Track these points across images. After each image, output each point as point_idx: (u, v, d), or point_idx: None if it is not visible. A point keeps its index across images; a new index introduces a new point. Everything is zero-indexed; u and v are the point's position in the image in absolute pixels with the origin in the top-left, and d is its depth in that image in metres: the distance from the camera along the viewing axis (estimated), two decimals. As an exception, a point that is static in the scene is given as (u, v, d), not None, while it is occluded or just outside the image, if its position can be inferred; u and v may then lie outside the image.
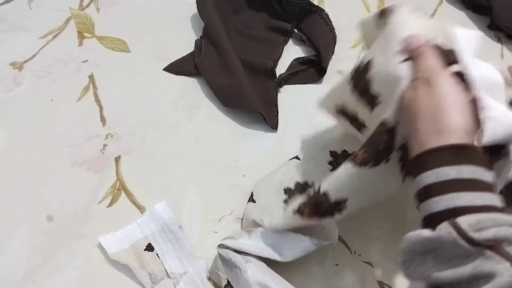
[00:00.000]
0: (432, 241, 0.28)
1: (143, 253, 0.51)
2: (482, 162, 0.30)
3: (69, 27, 0.78)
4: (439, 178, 0.29)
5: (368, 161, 0.38)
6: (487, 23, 0.77)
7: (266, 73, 0.69)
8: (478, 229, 0.26)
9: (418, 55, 0.35)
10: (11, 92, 0.68)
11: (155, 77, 0.71)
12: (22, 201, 0.56)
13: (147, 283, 0.48)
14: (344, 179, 0.40)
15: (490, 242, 0.26)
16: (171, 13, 0.80)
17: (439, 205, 0.29)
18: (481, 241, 0.26)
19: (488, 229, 0.26)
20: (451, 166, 0.29)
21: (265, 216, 0.50)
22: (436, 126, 0.31)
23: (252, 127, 0.65)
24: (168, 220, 0.54)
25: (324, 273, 0.52)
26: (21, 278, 0.50)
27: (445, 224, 0.27)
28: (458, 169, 0.29)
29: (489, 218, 0.27)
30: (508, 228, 0.26)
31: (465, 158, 0.29)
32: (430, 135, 0.31)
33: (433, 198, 0.30)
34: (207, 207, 0.57)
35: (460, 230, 0.26)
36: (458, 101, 0.31)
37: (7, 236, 0.53)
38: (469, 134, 0.31)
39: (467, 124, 0.31)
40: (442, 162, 0.30)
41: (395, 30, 0.38)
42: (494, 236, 0.26)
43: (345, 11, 0.80)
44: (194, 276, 0.49)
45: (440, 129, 0.31)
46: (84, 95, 0.68)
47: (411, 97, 0.34)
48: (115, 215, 0.55)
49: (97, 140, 0.62)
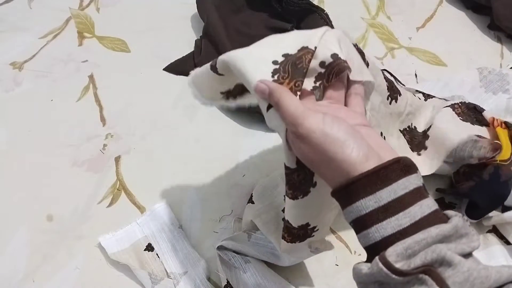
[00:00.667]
0: (372, 275, 0.27)
1: (143, 253, 0.51)
2: (396, 174, 0.28)
3: (69, 27, 0.78)
4: (360, 213, 0.28)
5: (296, 195, 0.37)
6: (487, 23, 0.77)
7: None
8: (408, 256, 0.26)
9: (275, 103, 0.32)
10: (11, 92, 0.68)
11: (155, 77, 0.71)
12: (22, 201, 0.56)
13: (147, 283, 0.49)
14: (291, 210, 0.39)
15: (420, 269, 0.25)
16: (171, 13, 0.80)
17: (368, 239, 0.29)
18: (410, 271, 0.25)
19: (416, 254, 0.26)
20: (367, 197, 0.28)
21: (258, 221, 0.50)
22: (335, 171, 0.30)
23: (252, 127, 0.65)
24: (168, 220, 0.54)
25: (324, 273, 0.52)
26: (21, 278, 0.50)
27: (376, 260, 0.27)
28: (375, 198, 0.28)
29: (417, 241, 0.26)
30: (436, 247, 0.26)
31: (377, 183, 0.28)
32: (334, 177, 0.30)
33: (361, 233, 0.29)
34: (207, 207, 0.57)
35: (389, 265, 0.26)
36: (336, 138, 0.29)
37: (7, 236, 0.53)
38: (368, 156, 0.29)
39: (360, 148, 0.29)
40: (357, 196, 0.28)
41: (244, 76, 0.35)
42: (423, 262, 0.25)
43: (345, 11, 0.80)
44: (194, 276, 0.49)
45: (340, 171, 0.29)
46: (84, 95, 0.68)
47: (296, 151, 0.33)
48: (115, 215, 0.55)
49: (97, 140, 0.63)
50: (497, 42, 0.75)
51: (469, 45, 0.73)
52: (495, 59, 0.74)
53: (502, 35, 0.76)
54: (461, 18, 0.80)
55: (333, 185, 0.31)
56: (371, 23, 0.79)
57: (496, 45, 0.75)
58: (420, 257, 0.26)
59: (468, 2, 0.81)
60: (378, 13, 0.80)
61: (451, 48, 0.74)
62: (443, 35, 0.75)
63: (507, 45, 0.75)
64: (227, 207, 0.56)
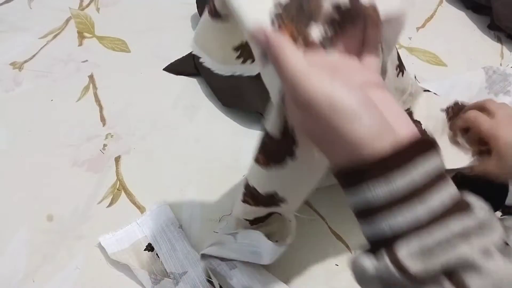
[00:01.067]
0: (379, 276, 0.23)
1: (143, 253, 0.51)
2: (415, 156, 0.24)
3: (69, 27, 0.78)
4: (367, 199, 0.24)
5: (268, 162, 0.32)
6: (487, 23, 0.77)
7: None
8: (423, 255, 0.22)
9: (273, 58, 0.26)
10: (11, 92, 0.68)
11: (155, 77, 0.71)
12: (22, 201, 0.56)
13: (147, 283, 0.49)
14: (258, 176, 0.35)
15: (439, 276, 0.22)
16: (171, 13, 0.80)
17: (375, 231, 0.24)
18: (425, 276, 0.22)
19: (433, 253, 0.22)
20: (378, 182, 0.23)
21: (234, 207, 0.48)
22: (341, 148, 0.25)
23: (252, 127, 0.65)
24: (168, 220, 0.54)
25: (324, 273, 0.52)
26: (21, 278, 0.50)
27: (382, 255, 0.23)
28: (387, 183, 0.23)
29: (435, 237, 0.22)
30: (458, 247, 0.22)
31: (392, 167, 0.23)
32: (339, 155, 0.25)
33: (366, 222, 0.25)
34: (207, 207, 0.57)
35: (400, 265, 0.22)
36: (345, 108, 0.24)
37: (7, 236, 0.53)
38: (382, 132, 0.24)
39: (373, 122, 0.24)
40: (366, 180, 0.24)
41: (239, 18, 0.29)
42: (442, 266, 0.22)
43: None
44: (194, 277, 0.49)
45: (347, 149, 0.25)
46: (84, 95, 0.68)
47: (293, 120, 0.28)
48: (115, 215, 0.55)
49: (97, 140, 0.63)
50: (497, 42, 0.75)
51: (469, 45, 0.73)
52: (495, 59, 0.74)
53: (502, 35, 0.76)
54: (461, 18, 0.80)
55: (337, 164, 0.26)
56: (371, 23, 0.79)
57: (496, 45, 0.75)
58: (439, 259, 0.22)
59: (468, 2, 0.81)
60: (378, 13, 0.81)
61: (451, 48, 0.74)
62: (443, 35, 0.75)
63: (507, 45, 0.75)
64: (227, 207, 0.56)
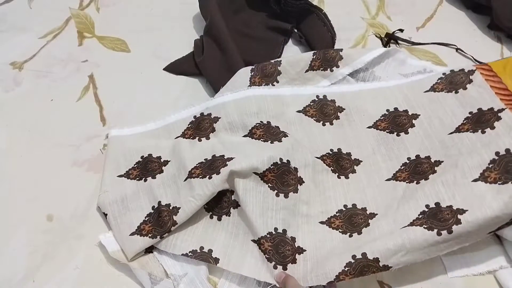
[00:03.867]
0: None
1: (143, 253, 0.51)
2: None
3: (69, 27, 0.78)
4: None
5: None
6: (487, 23, 0.77)
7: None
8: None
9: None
10: (11, 92, 0.68)
11: (155, 77, 0.71)
12: (22, 201, 0.56)
13: (146, 283, 0.48)
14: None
15: None
16: (171, 13, 0.80)
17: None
18: None
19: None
20: None
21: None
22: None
23: (252, 127, 0.65)
24: (168, 220, 0.54)
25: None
26: (21, 278, 0.50)
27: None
28: None
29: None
30: None
31: None
32: None
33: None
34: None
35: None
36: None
37: (7, 236, 0.53)
38: None
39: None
40: None
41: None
42: None
43: (345, 11, 0.80)
44: (194, 278, 0.49)
45: None
46: (84, 95, 0.68)
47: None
48: (115, 215, 0.55)
49: (97, 140, 0.63)
50: (497, 42, 0.75)
51: (469, 45, 0.73)
52: (495, 59, 0.73)
53: (502, 35, 0.76)
54: (461, 18, 0.80)
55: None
56: (371, 23, 0.79)
57: (496, 45, 0.75)
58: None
59: (468, 2, 0.81)
60: (378, 13, 0.80)
61: (451, 48, 0.74)
62: (443, 35, 0.75)
63: (507, 45, 0.75)
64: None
